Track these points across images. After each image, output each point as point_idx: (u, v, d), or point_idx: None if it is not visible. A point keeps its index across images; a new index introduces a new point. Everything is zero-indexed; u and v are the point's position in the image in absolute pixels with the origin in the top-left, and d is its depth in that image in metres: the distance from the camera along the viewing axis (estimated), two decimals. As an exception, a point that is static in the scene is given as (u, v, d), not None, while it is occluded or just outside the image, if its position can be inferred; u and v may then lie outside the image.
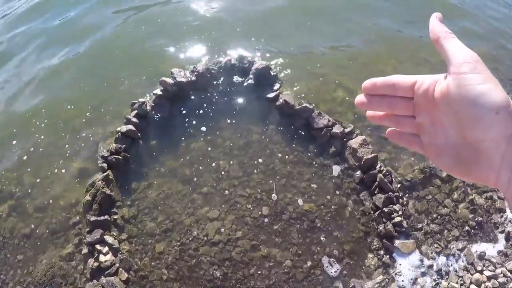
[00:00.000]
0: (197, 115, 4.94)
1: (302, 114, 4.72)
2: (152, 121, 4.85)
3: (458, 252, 3.94)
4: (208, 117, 4.93)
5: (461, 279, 3.76)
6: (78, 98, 5.33)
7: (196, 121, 4.89)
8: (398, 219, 3.92)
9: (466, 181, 4.17)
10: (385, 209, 3.99)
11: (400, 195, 4.21)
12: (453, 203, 4.29)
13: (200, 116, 4.93)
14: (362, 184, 4.29)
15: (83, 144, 4.71)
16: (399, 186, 4.29)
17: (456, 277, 3.77)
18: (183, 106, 5.01)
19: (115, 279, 3.57)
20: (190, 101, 5.04)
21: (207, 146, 4.68)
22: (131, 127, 4.55)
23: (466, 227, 4.09)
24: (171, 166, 4.50)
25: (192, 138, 4.74)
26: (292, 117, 4.81)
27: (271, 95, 4.93)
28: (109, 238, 3.83)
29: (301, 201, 4.21)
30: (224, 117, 4.93)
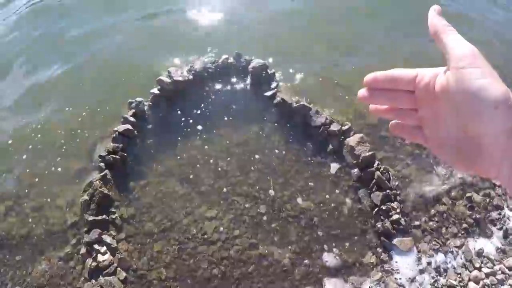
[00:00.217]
0: (195, 114, 4.93)
1: (300, 112, 4.71)
2: (150, 120, 4.84)
3: (456, 250, 3.93)
4: (206, 116, 4.92)
5: (460, 276, 3.76)
6: (76, 98, 5.31)
7: (194, 120, 4.88)
8: (396, 217, 3.92)
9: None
10: (383, 207, 3.99)
11: (398, 193, 4.20)
12: (451, 201, 4.29)
13: (198, 115, 4.92)
14: (360, 182, 4.29)
15: (81, 144, 4.70)
16: (397, 184, 4.29)
17: (455, 275, 3.77)
18: (181, 105, 5.00)
19: (114, 279, 3.57)
20: (187, 100, 5.03)
21: (205, 145, 4.67)
22: (129, 126, 4.55)
23: (464, 225, 4.09)
24: (169, 165, 4.49)
25: (190, 137, 4.74)
26: (290, 115, 4.81)
27: (269, 94, 4.93)
28: (107, 238, 3.82)
29: (299, 199, 4.20)
30: (222, 116, 4.92)
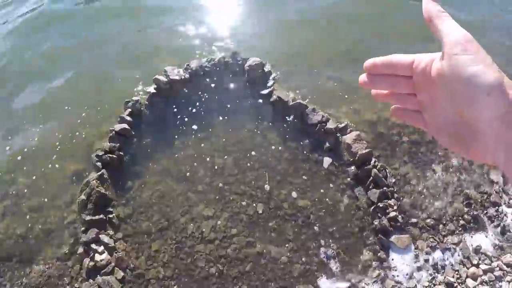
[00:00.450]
0: (191, 113, 4.92)
1: (296, 110, 4.70)
2: (146, 119, 4.84)
3: (454, 246, 3.92)
4: (202, 114, 4.91)
5: (457, 273, 3.75)
6: (74, 98, 5.31)
7: (190, 119, 4.87)
8: (393, 214, 3.91)
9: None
10: (380, 204, 3.98)
11: (395, 190, 4.19)
12: (448, 197, 4.27)
13: (194, 114, 4.91)
14: (357, 180, 4.28)
15: (78, 144, 4.70)
16: (394, 181, 4.28)
17: (452, 271, 3.76)
18: (177, 104, 5.00)
19: (111, 278, 3.57)
20: (184, 99, 5.02)
21: (201, 143, 4.67)
22: (125, 126, 4.54)
23: (462, 221, 4.08)
24: (166, 164, 4.49)
25: (186, 136, 4.73)
26: (286, 113, 4.80)
27: (265, 92, 4.92)
28: (105, 237, 3.82)
29: (296, 198, 4.19)
30: (218, 114, 4.91)
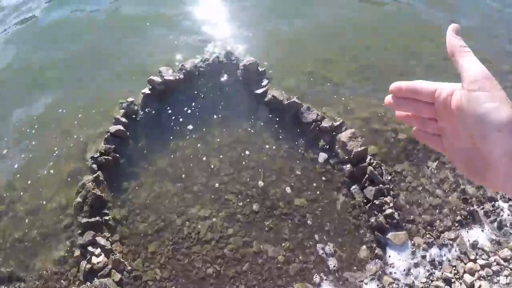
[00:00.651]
0: (186, 113, 4.91)
1: (291, 109, 4.69)
2: (141, 120, 4.83)
3: (451, 242, 3.92)
4: (197, 115, 4.90)
5: (455, 269, 3.75)
6: (68, 101, 5.30)
7: (185, 119, 4.86)
8: (390, 211, 3.91)
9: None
10: (376, 202, 3.98)
11: (391, 187, 4.19)
12: (445, 193, 4.27)
13: (189, 114, 4.90)
14: (352, 177, 4.27)
15: (73, 146, 4.69)
16: (390, 178, 4.27)
17: (450, 267, 3.76)
18: (172, 104, 4.98)
19: (108, 281, 3.57)
20: (179, 99, 5.01)
21: (197, 144, 4.66)
22: (120, 127, 4.53)
23: (458, 217, 4.08)
24: (161, 165, 4.48)
25: (181, 136, 4.72)
26: (281, 112, 4.79)
27: (260, 91, 4.90)
28: (101, 240, 3.81)
29: (292, 196, 4.19)
30: (213, 114, 4.90)
